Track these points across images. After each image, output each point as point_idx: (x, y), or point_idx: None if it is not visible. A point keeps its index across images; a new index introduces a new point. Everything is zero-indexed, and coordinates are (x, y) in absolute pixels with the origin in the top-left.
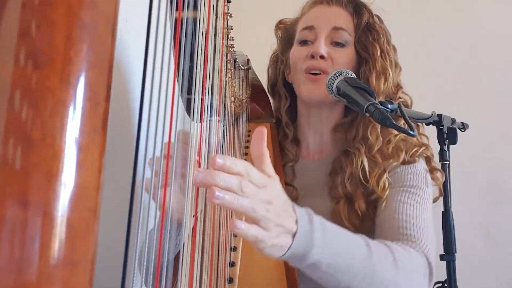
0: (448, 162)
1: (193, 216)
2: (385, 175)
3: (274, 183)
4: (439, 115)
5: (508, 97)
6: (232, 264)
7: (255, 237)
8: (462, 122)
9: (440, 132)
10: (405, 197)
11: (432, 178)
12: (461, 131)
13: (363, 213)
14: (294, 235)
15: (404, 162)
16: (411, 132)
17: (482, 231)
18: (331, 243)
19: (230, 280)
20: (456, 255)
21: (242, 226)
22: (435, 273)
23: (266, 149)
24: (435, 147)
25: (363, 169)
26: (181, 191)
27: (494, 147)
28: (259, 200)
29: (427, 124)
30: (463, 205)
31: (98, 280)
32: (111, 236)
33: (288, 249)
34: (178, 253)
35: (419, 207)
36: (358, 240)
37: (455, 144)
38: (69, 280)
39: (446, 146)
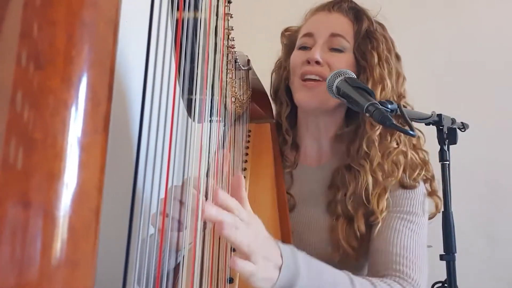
0: (448, 162)
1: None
2: (386, 195)
3: (258, 221)
4: (439, 115)
5: (508, 97)
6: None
7: (249, 271)
8: (462, 122)
9: (440, 132)
10: (400, 225)
11: (432, 199)
12: (461, 131)
13: (361, 234)
14: (280, 268)
15: (403, 186)
16: (411, 132)
17: (482, 231)
18: (316, 276)
19: (231, 280)
20: (456, 255)
21: (241, 264)
22: (435, 273)
23: (245, 194)
24: (435, 147)
25: (367, 188)
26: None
27: (494, 147)
28: (248, 234)
29: (427, 124)
30: (463, 205)
31: (99, 281)
32: (112, 236)
33: (276, 281)
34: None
35: (413, 237)
36: (342, 275)
37: (455, 144)
38: (70, 280)
39: (446, 146)
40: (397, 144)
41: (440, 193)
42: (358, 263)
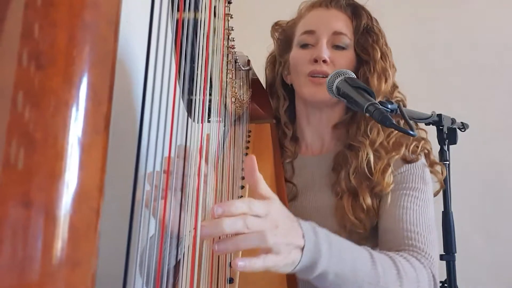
0: (448, 162)
1: (193, 229)
2: (390, 169)
3: (275, 205)
4: (439, 115)
5: (508, 97)
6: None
7: (272, 265)
8: (462, 122)
9: (440, 132)
10: (407, 202)
11: (432, 172)
12: (461, 131)
13: (367, 206)
14: (302, 249)
15: (406, 161)
16: (411, 132)
17: (482, 231)
18: (337, 254)
19: (231, 280)
20: (456, 255)
21: (259, 263)
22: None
23: (259, 174)
24: (435, 147)
25: (368, 162)
26: (180, 205)
27: (494, 147)
28: (266, 229)
29: (427, 124)
30: (463, 205)
31: (99, 281)
32: (112, 236)
33: (298, 263)
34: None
35: (421, 211)
36: (362, 251)
37: (455, 144)
38: (71, 280)
39: (446, 146)
40: None
41: (442, 166)
42: (367, 234)
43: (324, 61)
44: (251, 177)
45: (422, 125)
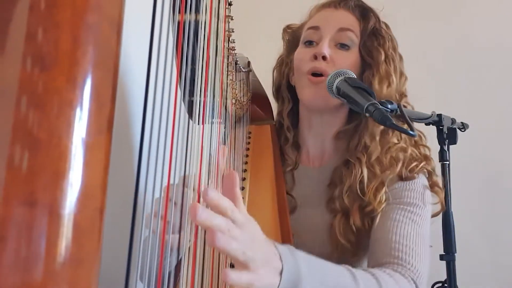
0: (448, 162)
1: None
2: (383, 189)
3: (253, 222)
4: (439, 115)
5: (508, 97)
6: (233, 266)
7: (247, 282)
8: (462, 122)
9: (440, 132)
10: (400, 215)
11: (434, 192)
12: (461, 131)
13: (358, 228)
14: (281, 273)
15: (402, 178)
16: (411, 132)
17: (482, 231)
18: (318, 276)
19: None
20: (456, 255)
21: (235, 276)
22: (435, 273)
23: (239, 193)
24: (435, 147)
25: (362, 181)
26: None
27: (494, 147)
28: (245, 240)
29: (427, 124)
30: (463, 205)
31: (102, 278)
32: (115, 235)
33: (278, 287)
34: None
35: (414, 226)
36: (343, 272)
37: (455, 144)
38: (75, 278)
39: (446, 146)
40: (398, 140)
41: (442, 190)
42: (356, 257)
43: (324, 58)
44: (230, 194)
45: (426, 140)
